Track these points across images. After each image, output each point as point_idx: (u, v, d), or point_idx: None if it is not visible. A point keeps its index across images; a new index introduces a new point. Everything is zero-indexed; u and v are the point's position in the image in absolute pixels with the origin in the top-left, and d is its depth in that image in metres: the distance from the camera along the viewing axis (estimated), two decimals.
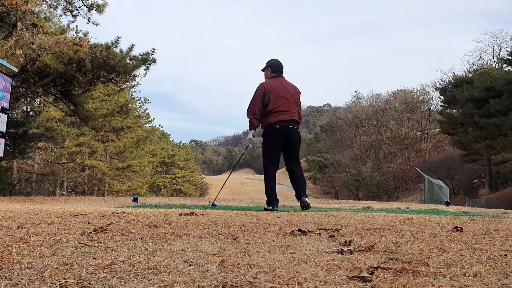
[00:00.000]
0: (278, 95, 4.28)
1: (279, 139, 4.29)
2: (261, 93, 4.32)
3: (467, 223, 2.57)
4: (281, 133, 4.26)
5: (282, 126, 4.25)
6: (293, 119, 4.30)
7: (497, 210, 6.16)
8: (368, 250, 1.37)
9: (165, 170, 36.92)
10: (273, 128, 4.27)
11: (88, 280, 0.90)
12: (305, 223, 2.42)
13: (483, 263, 1.17)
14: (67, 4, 9.76)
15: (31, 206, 3.91)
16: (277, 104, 4.25)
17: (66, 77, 8.98)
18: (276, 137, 4.29)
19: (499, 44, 36.19)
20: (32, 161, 17.66)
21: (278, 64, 4.54)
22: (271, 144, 4.33)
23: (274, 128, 4.26)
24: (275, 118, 4.25)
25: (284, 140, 4.30)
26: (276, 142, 4.31)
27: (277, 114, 4.24)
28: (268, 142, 4.35)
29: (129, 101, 23.98)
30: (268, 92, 4.30)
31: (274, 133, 4.28)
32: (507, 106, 20.07)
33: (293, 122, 4.33)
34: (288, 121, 4.27)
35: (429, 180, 19.18)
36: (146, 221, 2.25)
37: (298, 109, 4.42)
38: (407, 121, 44.45)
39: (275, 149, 4.33)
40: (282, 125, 4.25)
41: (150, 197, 12.44)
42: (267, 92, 4.29)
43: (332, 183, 43.73)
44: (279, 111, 4.24)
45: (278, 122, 4.24)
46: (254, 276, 0.97)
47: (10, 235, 1.59)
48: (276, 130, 4.26)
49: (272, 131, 4.30)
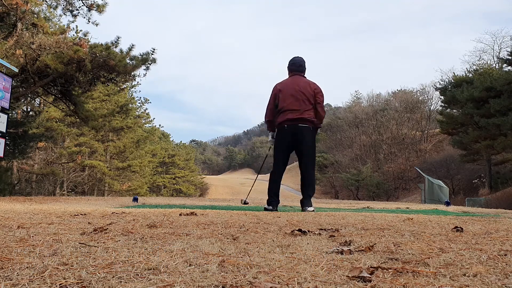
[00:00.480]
0: (287, 94, 4.16)
1: (287, 139, 4.18)
2: (273, 94, 4.27)
3: (467, 223, 2.57)
4: (289, 132, 4.14)
5: (290, 125, 4.13)
6: (303, 118, 4.11)
7: (497, 210, 6.16)
8: (368, 250, 1.37)
9: (165, 170, 36.93)
10: (281, 128, 4.19)
11: (88, 280, 0.90)
12: (305, 223, 2.42)
13: (483, 263, 1.17)
14: (67, 4, 9.76)
15: (31, 206, 3.91)
16: (286, 103, 4.14)
17: (66, 77, 8.98)
18: (283, 137, 4.19)
19: (499, 44, 36.23)
20: (32, 161, 17.66)
21: (295, 63, 4.38)
22: (278, 144, 4.25)
23: (282, 128, 4.17)
24: (283, 117, 4.15)
25: (293, 139, 4.16)
26: (283, 142, 4.21)
27: (285, 113, 4.13)
28: (277, 142, 4.27)
29: (129, 101, 23.97)
30: (278, 91, 4.23)
31: (282, 133, 4.20)
32: (507, 106, 20.07)
33: (304, 121, 4.12)
34: (297, 119, 4.11)
35: (429, 180, 19.18)
36: (146, 221, 2.25)
37: (316, 107, 4.18)
38: (407, 121, 44.46)
39: (282, 150, 4.24)
40: (290, 124, 4.13)
41: (150, 197, 12.44)
42: (277, 92, 4.23)
43: (332, 183, 43.74)
44: (287, 109, 4.13)
45: (286, 121, 4.13)
46: (254, 276, 0.97)
47: (10, 235, 1.59)
48: (284, 129, 4.16)
49: (280, 131, 4.21)
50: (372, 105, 51.44)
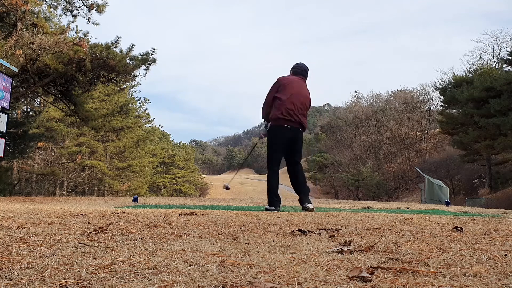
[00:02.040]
0: (294, 94, 4.20)
1: (286, 139, 4.22)
2: (277, 85, 4.28)
3: (467, 223, 2.57)
4: (290, 134, 4.19)
5: (292, 126, 4.19)
6: (301, 122, 4.24)
7: (497, 210, 6.16)
8: (368, 250, 1.37)
9: (165, 170, 36.91)
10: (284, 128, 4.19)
11: (88, 280, 0.90)
12: (305, 223, 2.42)
13: (483, 263, 1.17)
14: (67, 4, 9.77)
15: (31, 206, 3.91)
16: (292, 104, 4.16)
17: (66, 77, 8.98)
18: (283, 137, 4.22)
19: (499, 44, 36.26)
20: (32, 161, 17.66)
21: (300, 67, 4.47)
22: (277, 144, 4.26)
23: (285, 128, 4.18)
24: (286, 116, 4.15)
25: (291, 140, 4.24)
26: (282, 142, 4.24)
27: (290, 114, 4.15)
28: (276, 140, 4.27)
29: (129, 101, 23.96)
30: (283, 85, 4.24)
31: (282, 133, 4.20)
32: (507, 106, 20.06)
33: (301, 125, 4.26)
34: (298, 123, 4.21)
35: (429, 180, 19.17)
36: (146, 221, 2.25)
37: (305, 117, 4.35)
38: (407, 121, 44.45)
39: (280, 150, 4.27)
40: (292, 126, 4.18)
41: (150, 197, 12.44)
42: (282, 85, 4.24)
43: (332, 183, 43.73)
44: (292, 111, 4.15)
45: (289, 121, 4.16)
46: (254, 276, 0.97)
47: (10, 235, 1.59)
48: (287, 129, 4.18)
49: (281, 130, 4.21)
50: (372, 105, 51.43)
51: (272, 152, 4.28)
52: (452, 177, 29.47)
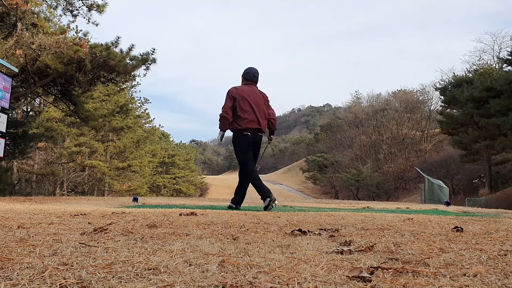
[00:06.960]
0: (248, 103, 4.45)
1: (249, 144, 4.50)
2: (231, 96, 4.48)
3: (467, 223, 2.57)
4: (252, 139, 4.48)
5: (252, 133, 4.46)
6: (261, 128, 4.52)
7: (497, 210, 6.16)
8: (368, 250, 1.37)
9: (165, 170, 36.91)
10: (245, 135, 4.46)
11: (88, 280, 0.90)
12: (305, 223, 2.42)
13: (483, 263, 1.17)
14: (67, 4, 9.76)
15: (31, 206, 3.91)
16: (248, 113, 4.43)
17: (66, 77, 8.97)
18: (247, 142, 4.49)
19: (499, 44, 36.21)
20: (32, 161, 17.66)
21: (250, 72, 4.67)
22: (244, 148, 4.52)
23: (246, 135, 4.46)
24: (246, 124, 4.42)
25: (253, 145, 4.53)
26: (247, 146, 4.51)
27: (249, 122, 4.43)
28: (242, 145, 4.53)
29: (129, 101, 23.95)
30: (237, 96, 4.45)
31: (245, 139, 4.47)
32: (507, 106, 20.05)
33: (261, 131, 4.55)
34: (257, 129, 4.49)
35: (429, 180, 19.16)
36: (146, 221, 2.25)
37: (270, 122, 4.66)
38: (407, 121, 44.45)
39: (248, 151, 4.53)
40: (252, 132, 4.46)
41: (150, 197, 12.44)
42: (236, 96, 4.45)
43: (332, 183, 43.73)
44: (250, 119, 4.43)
45: (249, 129, 4.44)
46: (254, 276, 0.97)
47: (10, 235, 1.59)
48: (247, 136, 4.46)
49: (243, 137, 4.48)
50: (372, 105, 51.43)
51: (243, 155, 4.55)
52: (452, 177, 29.48)
